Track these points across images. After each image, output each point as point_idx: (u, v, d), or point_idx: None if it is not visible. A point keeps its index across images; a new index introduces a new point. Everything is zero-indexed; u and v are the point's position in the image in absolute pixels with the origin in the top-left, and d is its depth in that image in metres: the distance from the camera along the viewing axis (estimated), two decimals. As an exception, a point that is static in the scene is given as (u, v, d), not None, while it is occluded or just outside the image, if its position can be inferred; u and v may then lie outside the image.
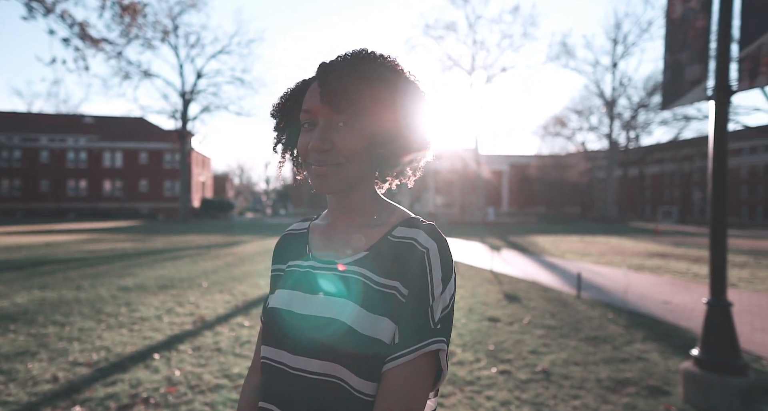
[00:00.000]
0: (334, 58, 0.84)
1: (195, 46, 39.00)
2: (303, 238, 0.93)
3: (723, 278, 3.43)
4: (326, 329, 0.76)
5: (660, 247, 17.42)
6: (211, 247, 15.70)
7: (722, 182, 3.40)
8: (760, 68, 3.29)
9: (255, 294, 7.41)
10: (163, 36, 30.59)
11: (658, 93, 43.49)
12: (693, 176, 59.36)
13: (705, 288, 8.57)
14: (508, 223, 38.62)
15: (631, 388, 3.65)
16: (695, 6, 3.74)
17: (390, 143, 0.80)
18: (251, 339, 4.85)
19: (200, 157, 59.26)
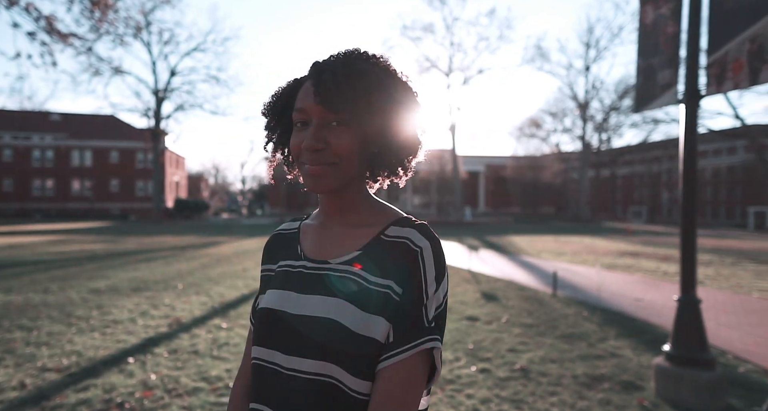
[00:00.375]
0: (326, 58, 0.84)
1: (169, 43, 38.18)
2: (294, 238, 0.93)
3: (693, 276, 3.55)
4: (321, 329, 0.75)
5: (631, 247, 17.93)
6: (185, 248, 15.40)
7: (692, 183, 3.52)
8: (727, 74, 3.42)
9: (232, 295, 7.30)
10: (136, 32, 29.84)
11: (628, 96, 44.75)
12: (661, 177, 61.30)
13: (674, 286, 8.86)
14: (484, 223, 39.09)
15: (605, 384, 3.75)
16: (666, 12, 3.86)
17: (383, 143, 0.81)
18: (229, 341, 4.78)
19: (174, 157, 58.02)
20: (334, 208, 0.87)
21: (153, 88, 38.62)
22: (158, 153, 38.76)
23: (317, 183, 0.80)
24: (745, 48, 3.32)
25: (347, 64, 0.79)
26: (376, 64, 0.82)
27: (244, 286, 8.12)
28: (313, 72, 0.81)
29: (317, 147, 0.78)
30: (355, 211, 0.86)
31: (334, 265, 0.82)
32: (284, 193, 47.62)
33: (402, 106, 0.81)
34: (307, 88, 0.80)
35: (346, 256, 0.82)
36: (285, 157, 0.92)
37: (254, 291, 7.70)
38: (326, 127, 0.79)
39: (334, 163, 0.79)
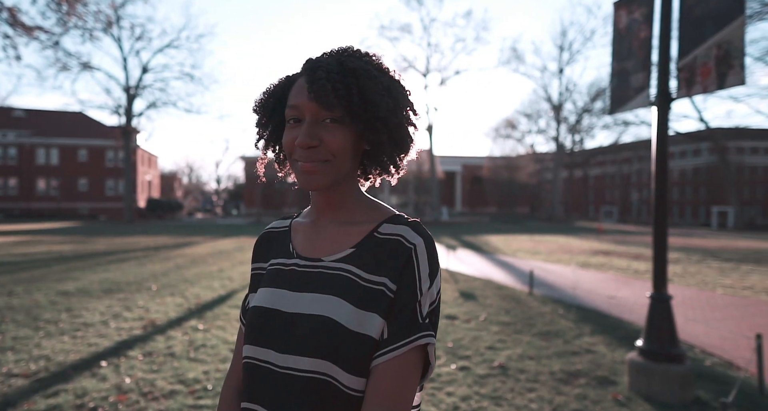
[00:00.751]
0: (319, 55, 0.84)
1: (141, 39, 37.17)
2: (285, 236, 0.92)
3: (664, 274, 3.66)
4: (315, 326, 0.75)
5: (603, 245, 18.39)
6: (159, 249, 15.05)
7: (664, 183, 3.64)
8: (696, 78, 3.55)
9: (209, 296, 7.17)
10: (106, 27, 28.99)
11: (600, 99, 45.88)
12: (631, 178, 63.09)
13: (644, 283, 9.13)
14: (461, 222, 39.47)
15: (581, 380, 3.83)
16: (639, 17, 3.98)
17: (376, 140, 0.81)
18: (206, 343, 4.69)
19: (146, 155, 56.59)
20: (326, 206, 0.86)
21: (124, 85, 37.55)
22: (129, 151, 37.73)
23: (310, 180, 0.79)
24: (713, 53, 3.45)
25: (341, 62, 0.79)
26: (369, 62, 0.82)
27: (221, 287, 7.99)
28: (306, 69, 0.81)
29: (311, 144, 0.77)
30: (348, 208, 0.86)
31: (327, 262, 0.82)
32: (260, 193, 47.02)
33: (395, 103, 0.81)
34: (300, 85, 0.80)
35: (339, 253, 0.82)
36: (276, 155, 0.92)
37: (231, 292, 7.58)
38: (319, 125, 0.79)
39: (328, 160, 0.79)
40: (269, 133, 0.89)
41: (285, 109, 0.84)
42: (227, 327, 5.32)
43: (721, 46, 3.40)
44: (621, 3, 4.17)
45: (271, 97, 0.86)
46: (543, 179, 56.71)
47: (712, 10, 3.51)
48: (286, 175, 0.92)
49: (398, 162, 0.86)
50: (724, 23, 3.41)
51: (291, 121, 0.81)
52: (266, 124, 0.88)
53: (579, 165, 57.27)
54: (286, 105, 0.82)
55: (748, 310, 6.89)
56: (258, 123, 0.89)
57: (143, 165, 54.38)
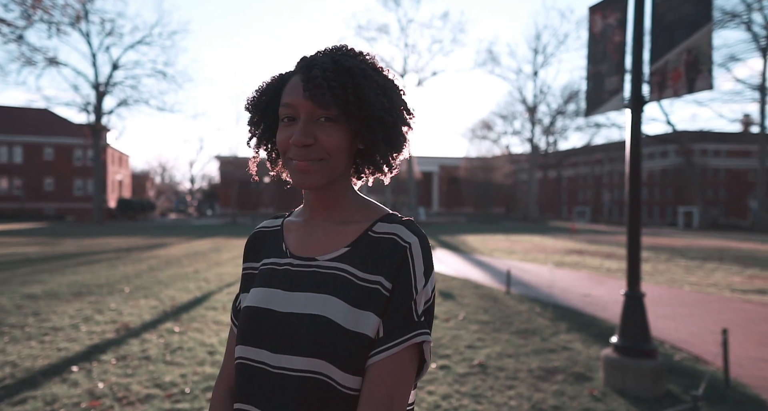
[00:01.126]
0: (314, 54, 0.83)
1: (111, 34, 36.12)
2: (277, 235, 0.91)
3: (638, 272, 3.77)
4: (311, 326, 0.75)
5: (576, 245, 18.81)
6: (131, 250, 14.66)
7: (637, 184, 3.75)
8: (667, 82, 3.67)
9: (184, 298, 7.02)
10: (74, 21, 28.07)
11: (573, 101, 46.95)
12: (603, 179, 64.73)
13: (617, 281, 9.39)
14: (438, 222, 39.77)
15: (559, 376, 3.91)
16: (613, 22, 4.09)
17: (370, 139, 0.81)
18: (183, 345, 4.60)
19: (117, 154, 55.03)
20: (319, 205, 0.86)
21: (93, 82, 36.40)
22: (99, 150, 36.62)
23: (305, 179, 0.79)
24: (683, 58, 3.58)
25: (335, 60, 0.79)
26: (363, 61, 0.82)
27: (197, 289, 7.84)
28: (301, 67, 0.80)
29: (306, 142, 0.77)
30: (341, 207, 0.86)
31: (321, 261, 0.82)
32: (235, 193, 46.32)
33: (390, 103, 0.81)
34: (295, 83, 0.80)
35: (333, 252, 0.82)
36: (268, 153, 0.91)
37: (208, 293, 7.45)
38: (314, 123, 0.78)
39: (323, 159, 0.79)
40: (262, 131, 0.88)
41: (278, 107, 0.83)
42: (204, 329, 5.22)
43: (690, 51, 3.53)
44: (596, 8, 4.27)
45: (264, 95, 0.85)
46: (518, 180, 57.64)
47: (683, 17, 3.63)
48: (278, 174, 0.91)
49: (391, 161, 0.86)
50: (693, 30, 3.54)
51: (285, 119, 0.80)
52: (258, 122, 0.87)
53: (553, 166, 58.44)
54: (280, 103, 0.81)
55: (713, 306, 7.16)
56: (250, 121, 0.88)
57: (114, 164, 52.88)
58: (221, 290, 7.78)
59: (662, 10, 3.76)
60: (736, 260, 13.67)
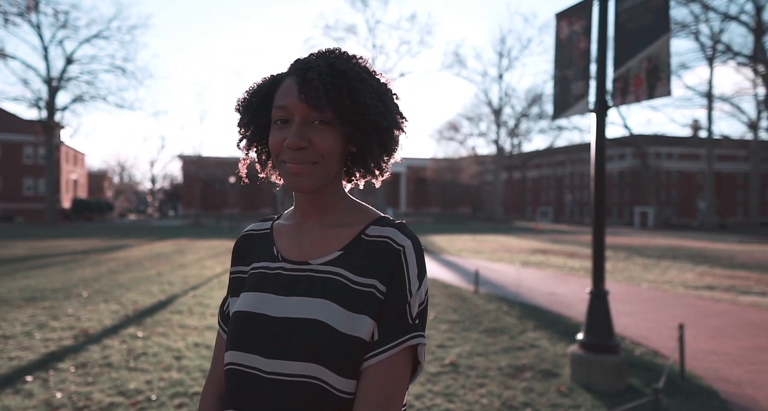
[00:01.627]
0: (307, 56, 0.83)
1: (65, 27, 34.43)
2: (266, 238, 0.90)
3: (602, 271, 3.91)
4: (306, 330, 0.75)
5: (541, 244, 19.33)
6: (88, 253, 14.05)
7: (602, 185, 3.89)
8: (629, 88, 3.82)
9: (147, 302, 6.79)
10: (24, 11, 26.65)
11: (537, 104, 48.25)
12: (564, 180, 66.77)
13: (579, 280, 9.70)
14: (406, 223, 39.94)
15: (527, 373, 4.01)
16: (579, 29, 4.22)
17: (363, 143, 0.81)
18: (147, 351, 4.44)
19: (72, 153, 52.57)
20: (312, 208, 0.85)
21: (45, 76, 34.63)
22: (52, 148, 34.87)
23: (299, 182, 0.78)
24: (644, 66, 3.73)
25: (330, 63, 0.79)
26: (357, 64, 0.83)
27: (160, 292, 7.59)
28: (296, 70, 0.80)
29: (301, 145, 0.76)
30: (333, 210, 0.86)
31: (315, 265, 0.81)
32: (199, 194, 45.12)
33: (384, 107, 0.81)
34: (289, 85, 0.79)
35: (327, 256, 0.82)
36: (258, 155, 0.90)
37: (172, 296, 7.22)
38: (309, 126, 0.78)
39: (316, 162, 0.78)
40: (252, 132, 0.87)
41: (269, 109, 0.83)
42: (170, 334, 5.06)
43: (650, 59, 3.68)
44: (562, 14, 4.41)
45: (255, 97, 0.85)
46: (484, 181, 58.72)
47: (643, 26, 3.79)
48: (267, 176, 0.91)
49: (383, 165, 0.87)
50: (652, 39, 3.70)
51: (278, 121, 0.79)
52: (249, 123, 0.86)
53: (517, 167, 59.85)
54: (273, 105, 0.80)
55: (669, 302, 7.51)
56: (240, 122, 0.87)
57: (68, 163, 50.50)
58: (186, 293, 7.57)
59: (624, 19, 3.91)
60: (688, 258, 14.38)
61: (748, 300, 7.78)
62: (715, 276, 10.55)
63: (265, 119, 0.84)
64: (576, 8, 4.26)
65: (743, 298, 7.89)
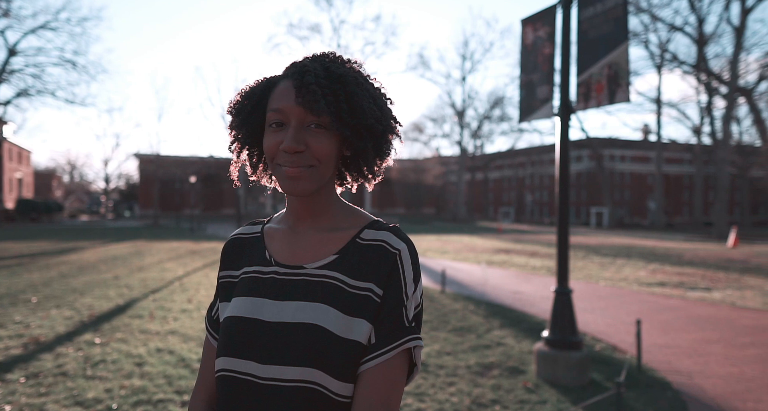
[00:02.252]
0: (302, 60, 0.83)
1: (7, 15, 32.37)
2: (257, 242, 0.89)
3: (566, 270, 4.04)
4: (303, 335, 0.74)
5: (504, 244, 19.78)
6: (36, 256, 13.30)
7: (566, 186, 4.02)
8: (591, 93, 3.97)
9: (104, 307, 6.49)
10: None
11: (498, 107, 49.37)
12: (525, 181, 68.65)
13: (541, 278, 9.99)
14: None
15: (495, 371, 4.10)
16: (543, 35, 4.35)
17: (358, 146, 0.81)
18: (106, 358, 4.25)
19: (16, 150, 49.59)
20: (305, 212, 0.85)
21: (-16, 68, 32.51)
22: (-5, 144, 32.80)
23: (295, 186, 0.78)
24: (605, 72, 3.89)
25: (326, 67, 0.79)
26: (352, 69, 0.83)
27: (118, 296, 7.28)
28: (293, 73, 0.79)
29: (297, 149, 0.76)
30: (327, 214, 0.86)
31: (310, 269, 0.81)
32: (157, 194, 43.55)
33: (380, 111, 0.82)
34: (285, 88, 0.79)
35: (322, 260, 0.81)
36: (250, 158, 0.89)
37: (131, 301, 6.94)
38: (305, 130, 0.78)
39: (312, 165, 0.78)
40: (243, 135, 0.86)
41: (262, 112, 0.82)
42: (130, 339, 4.86)
43: (611, 66, 3.84)
44: (527, 20, 4.53)
45: (248, 100, 0.84)
46: (448, 181, 59.57)
47: (603, 34, 3.95)
48: (259, 179, 0.90)
49: (376, 169, 0.87)
50: (612, 47, 3.86)
51: (273, 125, 0.79)
52: (240, 126, 0.85)
53: (480, 168, 61.04)
54: (269, 108, 0.80)
55: (625, 299, 7.85)
56: (232, 125, 0.86)
57: (12, 161, 47.62)
58: (146, 297, 7.29)
59: (586, 27, 4.06)
60: (641, 256, 15.08)
61: (695, 295, 8.24)
62: (665, 273, 11.11)
63: (258, 122, 0.84)
64: (540, 15, 4.39)
65: (691, 294, 8.36)
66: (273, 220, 0.92)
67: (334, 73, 0.78)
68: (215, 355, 0.83)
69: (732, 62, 29.04)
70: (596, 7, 3.88)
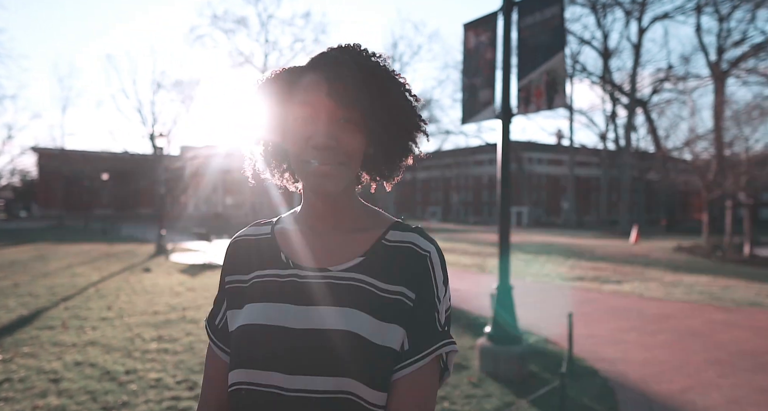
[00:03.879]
0: (330, 51, 0.78)
1: None
2: (269, 243, 0.82)
3: (507, 267, 4.20)
4: (337, 342, 0.70)
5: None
6: None
7: (508, 186, 4.18)
8: (531, 99, 4.16)
9: (5, 318, 5.76)
10: None
11: (426, 109, 50.64)
12: (452, 182, 71.12)
13: (474, 276, 10.36)
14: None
15: (440, 367, 4.16)
16: (485, 40, 4.50)
17: (387, 144, 0.78)
18: (12, 376, 3.76)
19: None
20: (328, 212, 0.79)
21: None
22: None
23: (326, 184, 0.73)
24: (543, 79, 4.09)
25: (356, 60, 0.75)
26: (377, 63, 0.78)
27: (21, 306, 6.49)
28: (323, 64, 0.74)
29: (330, 144, 0.71)
30: (349, 214, 0.81)
31: (335, 272, 0.76)
32: (62, 192, 39.60)
33: (409, 107, 0.79)
34: (315, 80, 0.73)
35: (348, 262, 0.76)
36: (266, 155, 0.83)
37: (38, 311, 6.22)
38: (335, 125, 0.73)
39: (342, 162, 0.74)
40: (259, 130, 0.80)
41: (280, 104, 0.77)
42: (40, 353, 4.35)
43: (549, 73, 4.05)
44: (470, 25, 4.66)
45: (270, 90, 0.78)
46: (377, 181, 60.12)
47: (541, 43, 4.16)
48: (272, 176, 0.85)
49: (396, 167, 0.83)
50: (550, 55, 4.07)
51: (298, 118, 0.74)
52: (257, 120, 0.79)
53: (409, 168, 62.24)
54: (294, 101, 0.75)
55: (551, 293, 8.37)
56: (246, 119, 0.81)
57: None
58: (56, 305, 6.58)
59: (526, 35, 4.25)
60: (560, 253, 16.20)
61: (609, 288, 8.98)
62: (582, 268, 12.01)
63: (274, 116, 0.78)
64: (482, 20, 4.53)
65: (606, 287, 9.10)
66: (283, 221, 0.86)
67: (365, 67, 0.74)
68: (226, 368, 0.76)
69: (631, 75, 32.13)
70: (535, 16, 4.07)
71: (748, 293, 8.46)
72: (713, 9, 29.25)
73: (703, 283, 9.55)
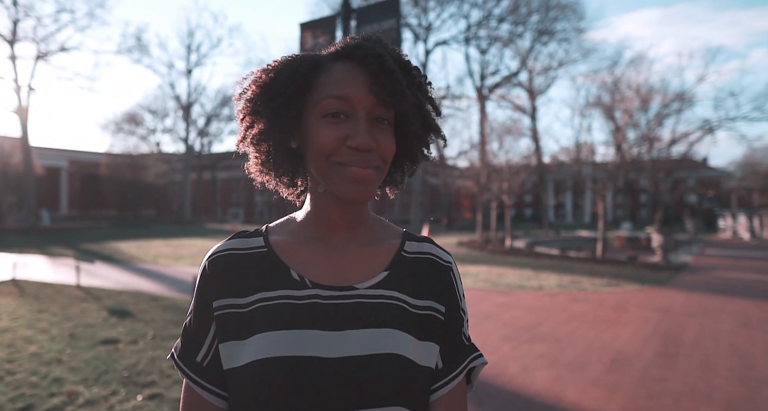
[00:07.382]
0: (357, 40, 0.68)
1: None
2: (268, 259, 0.68)
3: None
4: (384, 368, 0.62)
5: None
6: None
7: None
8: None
9: None
10: None
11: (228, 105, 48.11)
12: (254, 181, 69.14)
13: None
14: (70, 228, 32.94)
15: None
16: (324, 42, 4.52)
17: (415, 148, 0.72)
18: None
19: None
20: (345, 222, 0.70)
21: None
22: None
23: (363, 190, 0.64)
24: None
25: (393, 55, 0.67)
26: (410, 61, 0.71)
27: None
28: (362, 55, 0.64)
29: (371, 146, 0.63)
30: (364, 224, 0.73)
31: (362, 290, 0.67)
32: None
33: (434, 107, 0.73)
34: (350, 72, 0.64)
35: (373, 278, 0.69)
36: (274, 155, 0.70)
37: None
38: (372, 125, 0.65)
39: (379, 167, 0.65)
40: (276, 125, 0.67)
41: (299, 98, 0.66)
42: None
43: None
44: (306, 26, 4.64)
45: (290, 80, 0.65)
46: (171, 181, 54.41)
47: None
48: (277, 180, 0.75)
49: (405, 174, 0.77)
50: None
51: (330, 115, 0.63)
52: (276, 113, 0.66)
53: (208, 168, 58.21)
54: (324, 94, 0.63)
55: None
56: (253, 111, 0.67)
57: None
58: None
59: (361, 42, 4.45)
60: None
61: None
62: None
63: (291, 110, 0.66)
64: (320, 22, 4.57)
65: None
66: (276, 231, 0.73)
67: (402, 63, 0.67)
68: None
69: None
70: (373, 26, 4.29)
71: (515, 278, 10.50)
72: (476, 43, 35.92)
73: (484, 273, 11.45)
